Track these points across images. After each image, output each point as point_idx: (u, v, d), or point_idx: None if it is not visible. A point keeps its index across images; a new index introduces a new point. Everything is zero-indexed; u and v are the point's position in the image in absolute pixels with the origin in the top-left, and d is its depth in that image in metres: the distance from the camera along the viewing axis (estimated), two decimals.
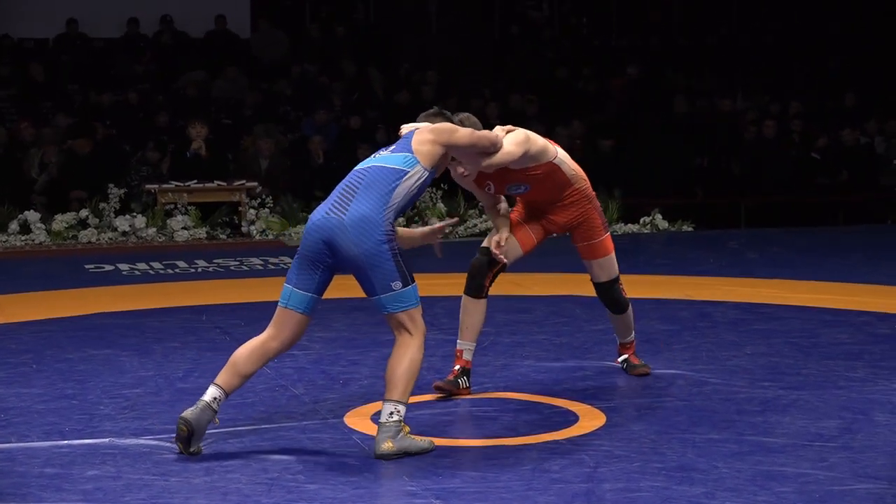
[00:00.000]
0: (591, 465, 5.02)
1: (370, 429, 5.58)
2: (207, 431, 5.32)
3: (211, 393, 5.30)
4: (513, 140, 6.08)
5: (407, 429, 5.25)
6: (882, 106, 17.77)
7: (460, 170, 6.07)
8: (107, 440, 5.46)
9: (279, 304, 5.39)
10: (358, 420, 5.76)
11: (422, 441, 5.25)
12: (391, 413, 5.23)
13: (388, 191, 5.34)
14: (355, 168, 5.52)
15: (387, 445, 5.16)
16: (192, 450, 5.21)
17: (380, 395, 6.11)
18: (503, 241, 6.39)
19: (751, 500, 4.56)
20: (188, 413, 5.24)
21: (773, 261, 11.47)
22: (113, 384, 6.56)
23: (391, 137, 16.03)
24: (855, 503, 4.56)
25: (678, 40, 21.02)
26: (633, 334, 6.79)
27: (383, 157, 5.49)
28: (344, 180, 5.47)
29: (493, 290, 6.12)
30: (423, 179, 5.43)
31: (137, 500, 4.65)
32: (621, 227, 14.27)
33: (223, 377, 5.35)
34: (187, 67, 18.14)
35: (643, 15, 21.64)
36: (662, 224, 14.45)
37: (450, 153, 5.66)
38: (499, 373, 6.77)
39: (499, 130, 6.10)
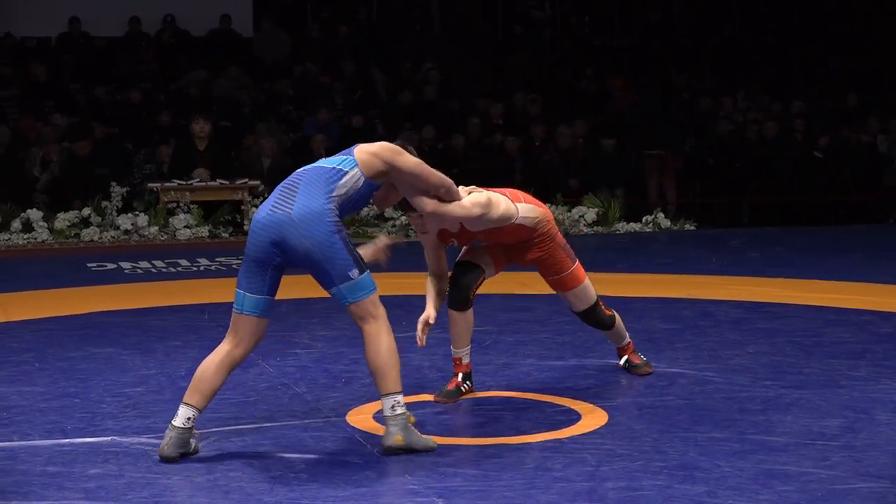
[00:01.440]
0: (593, 463, 5.02)
1: (372, 427, 5.58)
2: (210, 430, 5.32)
3: (183, 415, 5.20)
4: (472, 199, 5.93)
5: (412, 419, 5.26)
6: (884, 105, 17.77)
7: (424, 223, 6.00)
8: (109, 439, 5.46)
9: (234, 309, 5.30)
10: (360, 419, 5.76)
11: (426, 439, 5.25)
12: (392, 406, 5.22)
13: (330, 186, 5.31)
14: (295, 171, 5.50)
15: (396, 439, 5.16)
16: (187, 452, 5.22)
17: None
18: (431, 321, 6.12)
19: (753, 499, 4.56)
20: (165, 450, 5.14)
21: (776, 260, 11.47)
22: (115, 383, 6.56)
23: (392, 136, 16.14)
24: (857, 502, 4.56)
25: (679, 40, 21.03)
26: (627, 338, 6.73)
27: (322, 160, 5.52)
28: (283, 181, 5.44)
29: (496, 289, 6.11)
30: (360, 182, 5.39)
31: (140, 498, 4.65)
32: (623, 226, 14.28)
33: (193, 397, 5.24)
34: (189, 67, 18.15)
35: (644, 15, 21.63)
36: (665, 223, 14.45)
37: (392, 174, 5.54)
38: (501, 371, 6.77)
39: (462, 190, 5.97)
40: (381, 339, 5.27)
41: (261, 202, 13.93)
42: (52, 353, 7.35)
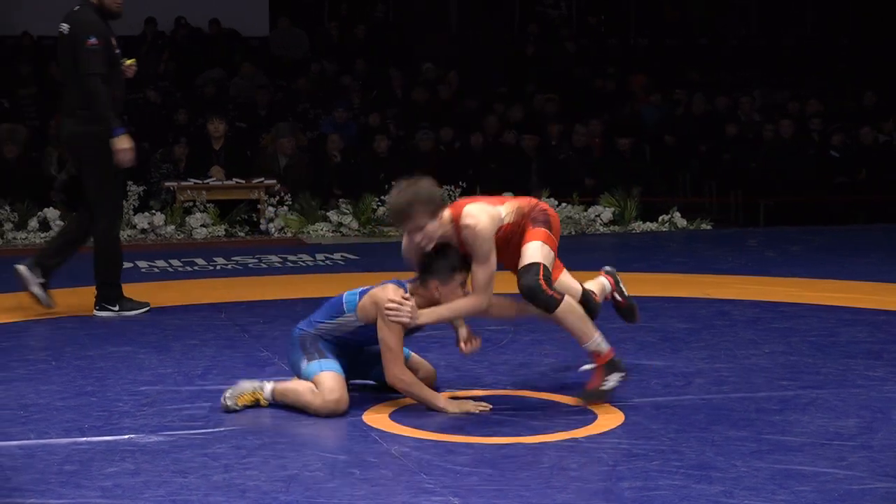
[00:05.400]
0: (609, 463, 5.02)
1: (388, 426, 5.59)
2: (227, 428, 5.35)
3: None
4: (480, 287, 5.86)
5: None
6: None
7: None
8: (126, 437, 5.47)
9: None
10: (376, 418, 5.76)
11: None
12: (262, 385, 5.97)
13: (323, 316, 6.00)
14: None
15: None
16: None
17: (398, 392, 6.14)
18: (469, 338, 6.18)
19: (769, 499, 4.55)
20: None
21: (792, 259, 11.45)
22: (132, 381, 6.58)
23: (408, 134, 16.14)
24: (874, 502, 4.55)
25: (697, 39, 21.02)
26: (594, 338, 6.01)
27: (352, 292, 5.99)
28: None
29: (512, 289, 6.08)
30: (352, 326, 5.93)
31: (156, 496, 4.66)
32: (640, 226, 14.27)
33: None
34: (205, 66, 18.19)
35: (661, 14, 21.63)
36: (681, 222, 14.44)
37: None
38: (517, 371, 6.77)
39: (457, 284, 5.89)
40: (311, 394, 5.83)
41: (277, 201, 14.02)
42: (70, 352, 7.37)
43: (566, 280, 6.32)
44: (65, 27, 8.64)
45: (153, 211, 13.80)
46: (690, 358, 7.01)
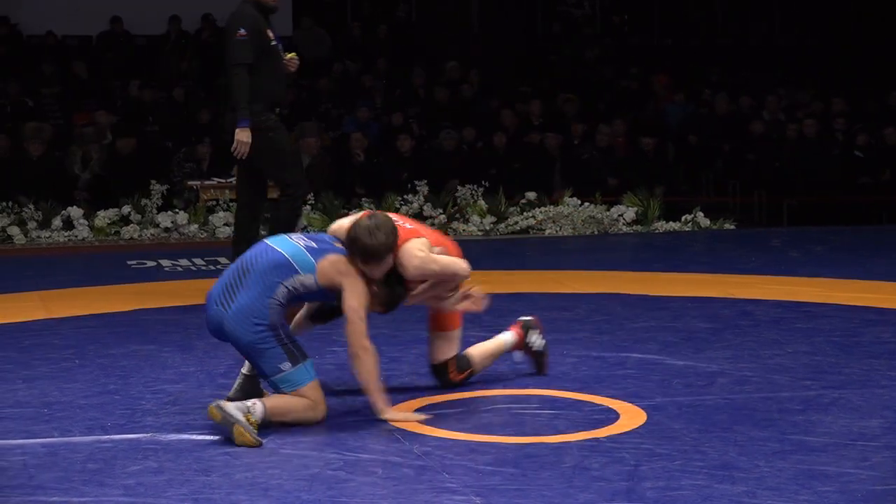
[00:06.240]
0: (631, 463, 5.01)
1: (410, 425, 5.59)
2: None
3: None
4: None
5: (250, 428, 5.34)
6: None
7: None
8: (149, 435, 5.49)
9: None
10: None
11: (250, 433, 5.32)
12: (250, 407, 5.42)
13: (275, 281, 5.57)
14: (260, 244, 5.78)
15: (216, 413, 5.36)
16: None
17: (420, 391, 6.14)
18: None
19: (792, 499, 4.54)
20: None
21: (815, 259, 11.42)
22: (155, 379, 6.59)
23: (430, 133, 16.15)
24: None
25: (719, 39, 21.00)
26: (509, 342, 6.65)
27: (292, 246, 5.67)
28: (238, 261, 5.75)
29: (535, 288, 6.07)
30: (312, 287, 5.63)
31: (179, 495, 4.67)
32: (662, 225, 14.25)
33: None
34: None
35: (684, 13, 21.60)
36: (704, 222, 14.41)
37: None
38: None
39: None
40: (299, 402, 5.60)
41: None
42: (93, 350, 7.39)
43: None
44: (224, 23, 8.95)
45: (176, 210, 13.83)
46: (713, 358, 7.00)
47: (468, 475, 4.86)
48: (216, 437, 5.40)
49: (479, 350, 6.46)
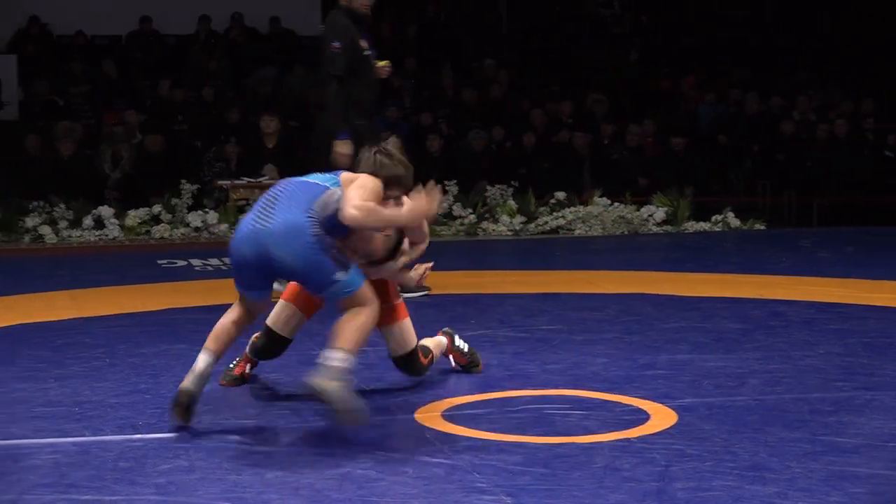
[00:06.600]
0: (662, 463, 4.99)
1: (441, 425, 5.59)
2: (282, 426, 5.37)
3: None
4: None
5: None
6: None
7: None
8: (180, 434, 5.50)
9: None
10: (428, 416, 5.76)
11: (355, 406, 5.26)
12: (337, 358, 5.31)
13: (309, 201, 5.48)
14: (279, 182, 5.73)
15: (319, 382, 5.24)
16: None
17: (452, 392, 6.14)
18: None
19: (823, 501, 4.52)
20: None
21: (847, 260, 11.39)
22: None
23: (459, 133, 16.15)
24: None
25: (749, 39, 20.94)
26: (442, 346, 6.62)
27: (308, 176, 5.70)
28: (265, 194, 5.65)
29: (565, 288, 6.07)
30: (332, 208, 5.50)
31: (210, 493, 4.67)
32: (692, 226, 14.22)
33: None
34: (258, 64, 18.26)
35: (714, 14, 21.55)
36: (734, 222, 14.38)
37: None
38: (570, 370, 6.75)
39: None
40: (361, 314, 5.47)
41: None
42: (124, 349, 7.40)
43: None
44: (320, 28, 9.09)
45: (206, 209, 13.87)
46: (744, 358, 6.98)
47: (498, 475, 4.86)
48: (247, 436, 5.40)
49: (428, 341, 6.50)
